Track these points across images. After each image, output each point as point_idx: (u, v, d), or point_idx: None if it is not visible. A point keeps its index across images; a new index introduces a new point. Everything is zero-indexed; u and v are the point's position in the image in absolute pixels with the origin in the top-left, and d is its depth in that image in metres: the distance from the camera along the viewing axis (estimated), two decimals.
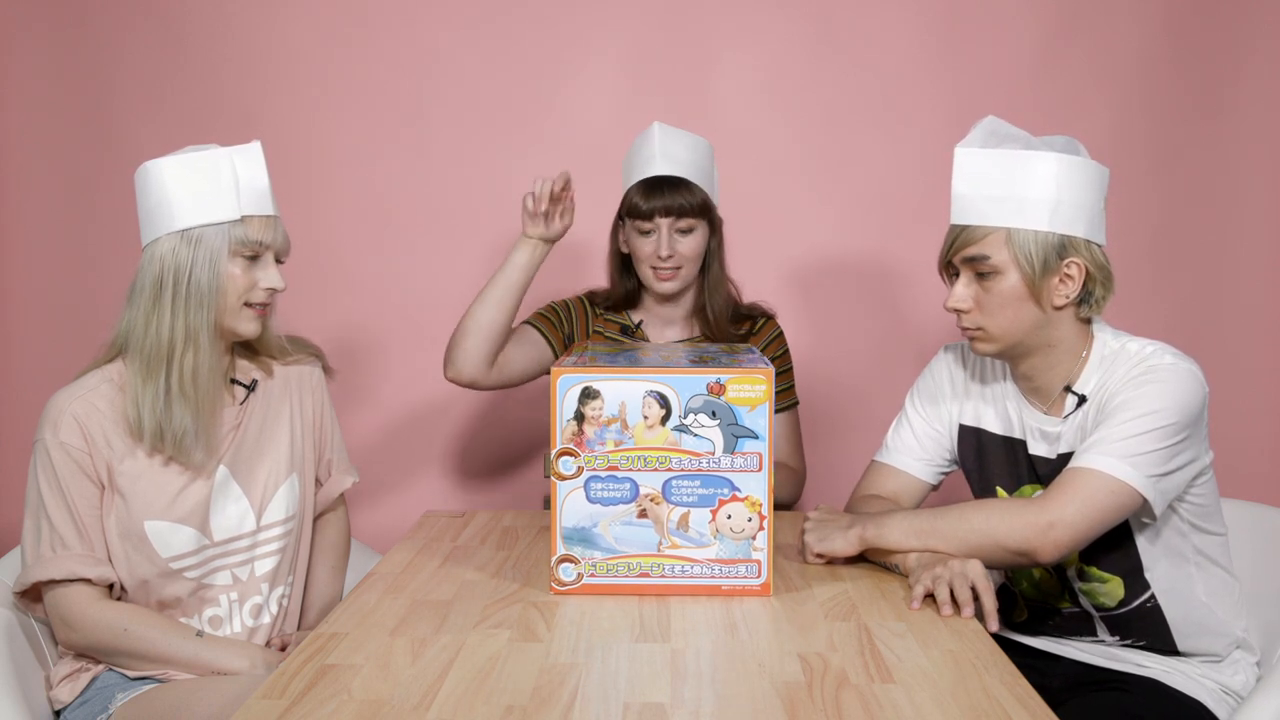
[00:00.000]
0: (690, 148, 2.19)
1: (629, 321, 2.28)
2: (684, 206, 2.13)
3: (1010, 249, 1.66)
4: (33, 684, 1.69)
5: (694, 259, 2.18)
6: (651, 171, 2.15)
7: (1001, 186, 1.66)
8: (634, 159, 2.21)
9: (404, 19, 2.67)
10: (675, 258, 2.15)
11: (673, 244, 2.14)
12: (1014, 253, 1.65)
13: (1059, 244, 1.65)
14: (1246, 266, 2.70)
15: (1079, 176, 1.66)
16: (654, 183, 2.14)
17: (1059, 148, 1.67)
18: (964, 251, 1.69)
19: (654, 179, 2.14)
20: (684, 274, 2.18)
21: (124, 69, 2.66)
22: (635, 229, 2.17)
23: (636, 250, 2.18)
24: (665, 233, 2.13)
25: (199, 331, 1.68)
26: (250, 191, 1.70)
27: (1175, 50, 2.65)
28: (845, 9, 2.67)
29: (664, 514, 1.57)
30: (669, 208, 2.12)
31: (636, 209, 2.14)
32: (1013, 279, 1.66)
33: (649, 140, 2.18)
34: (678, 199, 2.12)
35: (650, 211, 2.13)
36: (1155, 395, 1.61)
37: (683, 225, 2.14)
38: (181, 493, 1.72)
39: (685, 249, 2.16)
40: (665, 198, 2.12)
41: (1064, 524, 1.58)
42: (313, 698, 1.25)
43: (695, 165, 2.18)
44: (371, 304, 2.72)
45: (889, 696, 1.25)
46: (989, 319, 1.69)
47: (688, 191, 2.14)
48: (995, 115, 1.74)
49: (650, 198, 2.13)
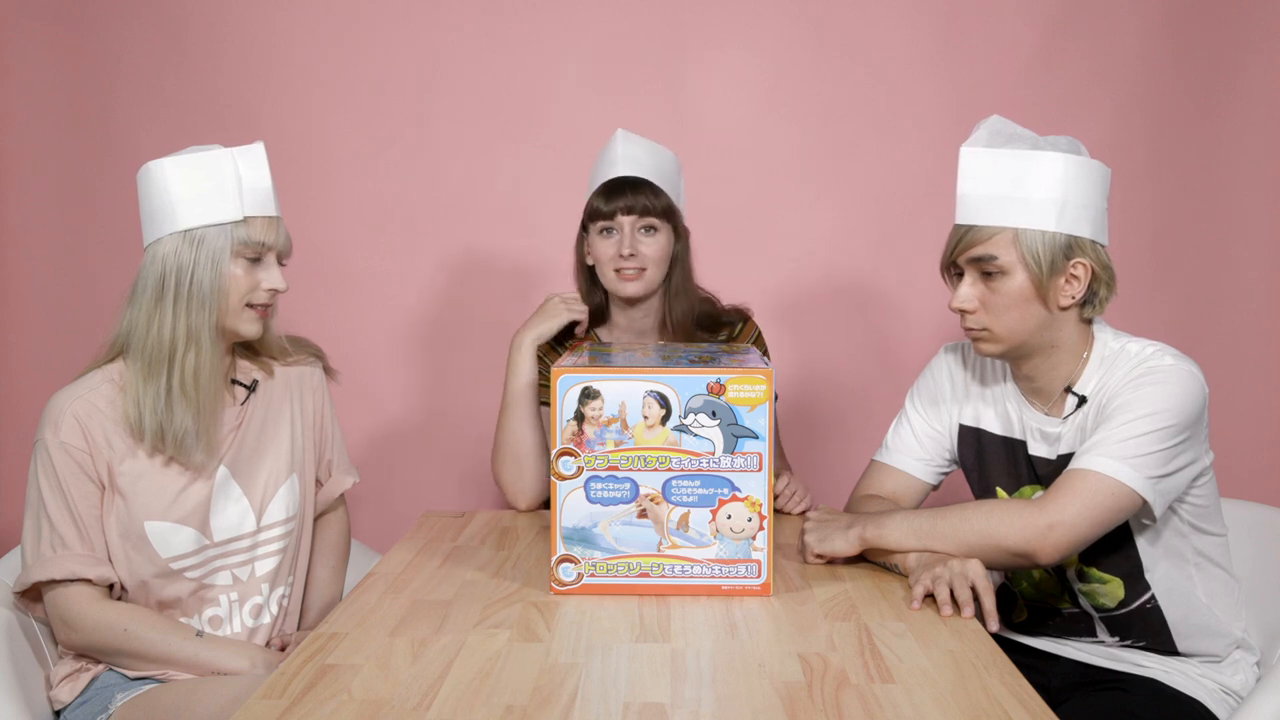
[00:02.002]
0: (653, 154, 2.15)
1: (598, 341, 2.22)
2: (646, 206, 2.08)
3: (1017, 249, 1.65)
4: (33, 684, 1.69)
5: (658, 262, 2.11)
6: (613, 173, 2.11)
7: (1008, 186, 1.65)
8: (597, 166, 2.17)
9: (404, 20, 2.67)
10: (638, 258, 2.08)
11: (635, 243, 2.08)
12: (1021, 253, 1.65)
13: (1066, 244, 1.65)
14: (1246, 266, 2.70)
15: (1085, 176, 1.66)
16: (616, 184, 2.10)
17: (1063, 148, 1.67)
18: (970, 251, 1.68)
19: (616, 180, 2.10)
20: (649, 276, 2.11)
21: (124, 69, 2.66)
22: (597, 231, 2.11)
23: (599, 254, 2.11)
24: (628, 231, 2.08)
25: (200, 332, 1.68)
26: (253, 192, 1.70)
27: (1175, 50, 2.65)
28: (845, 9, 2.67)
29: (664, 514, 1.57)
30: (631, 206, 2.08)
31: (598, 211, 2.10)
32: (1019, 279, 1.66)
33: (612, 146, 2.15)
34: (640, 199, 2.08)
35: (612, 211, 2.08)
36: (1155, 396, 1.61)
37: (646, 224, 2.09)
38: (182, 493, 1.72)
39: (649, 250, 2.09)
40: (627, 198, 2.08)
41: (1064, 525, 1.58)
42: (313, 698, 1.25)
43: (659, 170, 2.14)
44: (372, 304, 2.72)
45: (889, 696, 1.25)
46: (995, 319, 1.69)
47: (651, 193, 2.09)
48: (997, 114, 1.74)
49: (612, 199, 2.08)
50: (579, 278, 2.22)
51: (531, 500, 2.12)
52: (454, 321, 2.74)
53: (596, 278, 2.18)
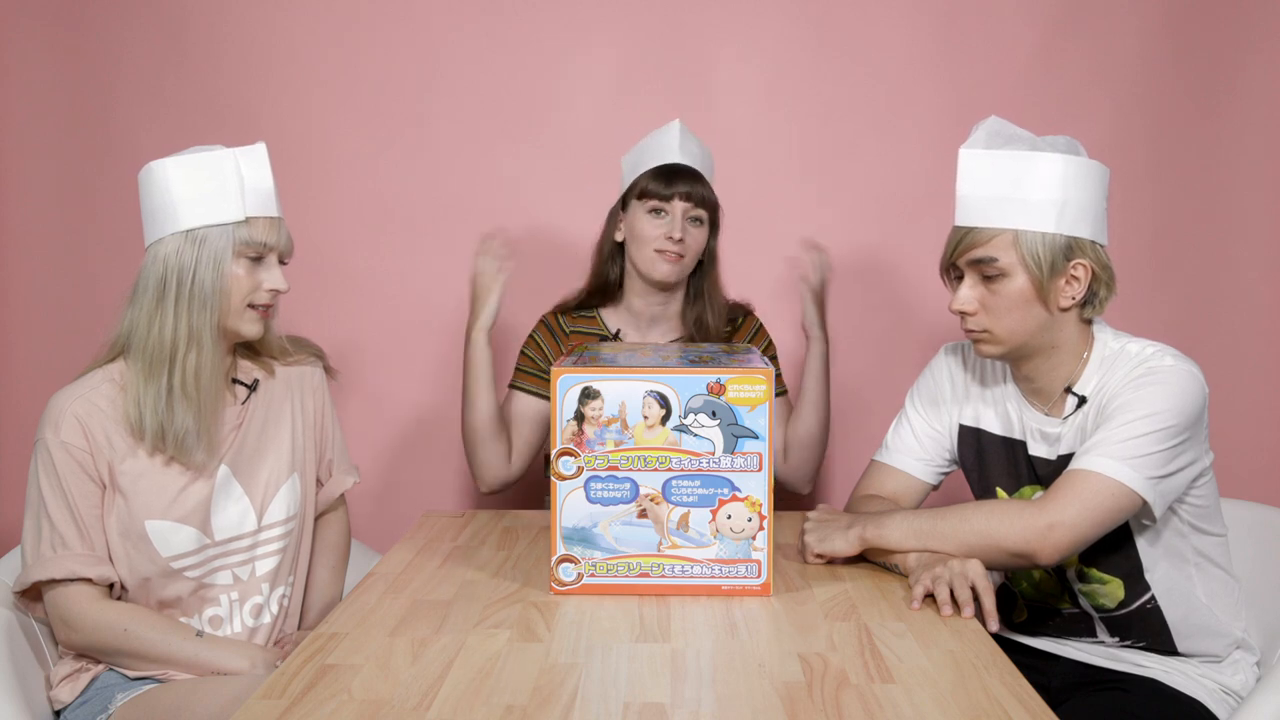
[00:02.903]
0: (704, 153, 2.24)
1: (605, 331, 2.26)
2: (702, 196, 2.17)
3: (1018, 250, 1.65)
4: (33, 684, 1.69)
5: (695, 253, 2.20)
6: (671, 159, 2.18)
7: (1007, 188, 1.65)
8: (649, 148, 2.22)
9: (404, 20, 2.67)
10: (684, 243, 2.16)
11: (684, 229, 2.15)
12: (1021, 254, 1.65)
13: (1066, 245, 1.65)
14: (1246, 266, 2.70)
15: (1084, 177, 1.66)
16: (673, 169, 2.17)
17: (1062, 148, 1.67)
18: (970, 253, 1.68)
19: (674, 166, 2.17)
20: (685, 264, 2.19)
21: (124, 69, 2.66)
22: (647, 210, 2.16)
23: (643, 232, 2.17)
24: (680, 217, 2.15)
25: (202, 332, 1.68)
26: (255, 192, 1.70)
27: (1175, 50, 2.65)
28: (845, 9, 2.67)
29: (664, 514, 1.57)
30: (689, 194, 2.15)
31: (654, 191, 2.15)
32: (1020, 281, 1.66)
33: (669, 133, 2.21)
34: (698, 188, 2.16)
35: (670, 194, 2.15)
36: (1156, 397, 1.61)
37: (695, 215, 2.17)
38: (183, 492, 1.72)
39: (692, 240, 2.17)
40: (686, 184, 2.15)
41: (1064, 526, 1.58)
42: (313, 698, 1.25)
43: (707, 168, 2.22)
44: (372, 304, 2.72)
45: (889, 696, 1.25)
46: (995, 321, 1.69)
47: (705, 186, 2.18)
48: (996, 115, 1.74)
49: (671, 182, 2.15)
50: (600, 252, 2.27)
51: (489, 485, 2.20)
52: (454, 321, 2.73)
53: (616, 255, 2.24)
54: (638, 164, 2.22)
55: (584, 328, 2.27)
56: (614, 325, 2.26)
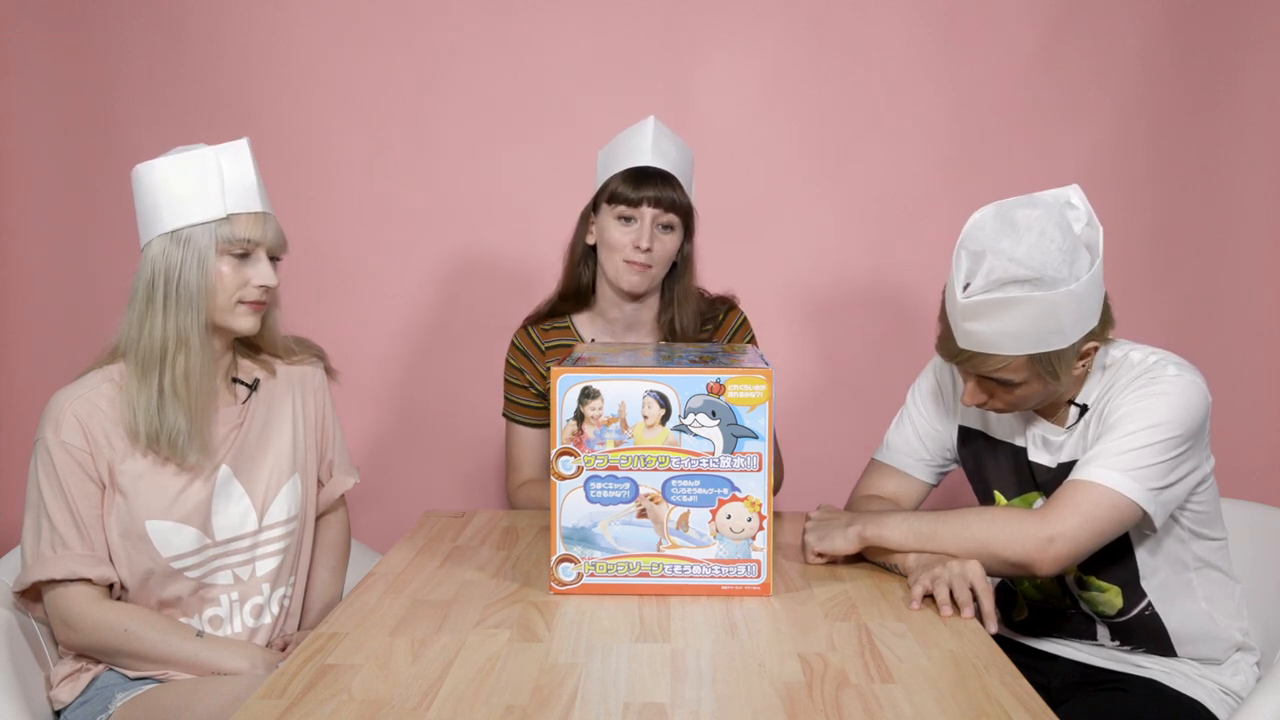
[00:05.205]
0: (680, 150, 2.14)
1: (580, 339, 2.19)
2: (672, 201, 2.07)
3: (1031, 368, 1.61)
4: (33, 684, 1.69)
5: (665, 260, 2.11)
6: (642, 161, 2.08)
7: (1015, 324, 1.57)
8: (620, 148, 2.13)
9: (404, 20, 2.67)
10: (652, 253, 2.07)
11: (653, 238, 2.07)
12: (1037, 370, 1.61)
13: (1078, 345, 1.62)
14: (1246, 266, 2.70)
15: (1088, 288, 1.59)
16: (643, 172, 2.07)
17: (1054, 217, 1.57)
18: (980, 371, 1.64)
19: (644, 169, 2.08)
20: (654, 274, 2.11)
21: (124, 69, 2.66)
22: (615, 216, 2.08)
23: (611, 240, 2.08)
24: (648, 224, 2.06)
25: (189, 333, 1.67)
26: (237, 189, 1.69)
27: (1175, 50, 2.65)
28: (845, 9, 2.67)
29: (664, 514, 1.57)
30: (658, 199, 2.06)
31: (622, 195, 2.06)
32: (1035, 384, 1.63)
33: (642, 132, 2.11)
34: (667, 192, 2.06)
35: (639, 199, 2.06)
36: (1158, 407, 1.60)
37: (665, 221, 2.08)
38: (183, 492, 1.72)
39: (661, 248, 2.08)
40: (655, 188, 2.06)
41: (1064, 538, 1.57)
42: (313, 698, 1.25)
43: (682, 168, 2.13)
44: (371, 304, 2.72)
45: (889, 696, 1.25)
46: (1009, 405, 1.67)
47: (676, 189, 2.08)
48: (975, 215, 1.62)
49: (640, 186, 2.06)
50: (571, 255, 2.19)
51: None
52: (453, 321, 2.74)
53: (589, 258, 2.17)
54: (609, 163, 2.13)
55: (558, 339, 2.20)
56: (588, 333, 2.20)
